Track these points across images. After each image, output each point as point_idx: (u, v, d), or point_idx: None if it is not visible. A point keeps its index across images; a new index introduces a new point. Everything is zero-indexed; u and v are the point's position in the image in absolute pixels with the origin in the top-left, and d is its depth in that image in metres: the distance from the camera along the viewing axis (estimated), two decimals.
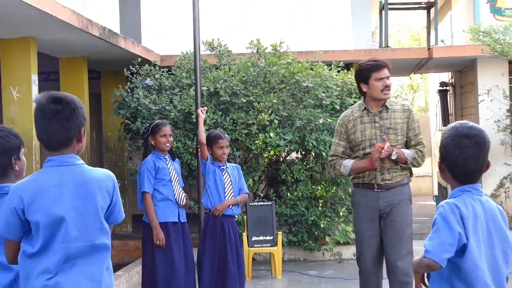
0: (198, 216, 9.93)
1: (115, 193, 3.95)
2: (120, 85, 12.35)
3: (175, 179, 7.68)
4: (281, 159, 12.15)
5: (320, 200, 11.93)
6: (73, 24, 9.60)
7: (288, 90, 11.81)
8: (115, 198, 3.95)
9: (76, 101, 3.87)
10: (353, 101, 11.78)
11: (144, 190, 7.51)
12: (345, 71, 12.32)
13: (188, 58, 12.11)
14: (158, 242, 7.46)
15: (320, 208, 11.88)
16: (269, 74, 11.82)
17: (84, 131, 3.94)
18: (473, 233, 3.47)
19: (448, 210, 3.47)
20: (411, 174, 6.76)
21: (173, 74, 12.19)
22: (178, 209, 7.66)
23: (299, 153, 12.16)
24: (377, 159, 6.38)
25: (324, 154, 11.46)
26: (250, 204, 10.83)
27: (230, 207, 7.77)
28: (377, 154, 6.37)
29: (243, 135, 11.49)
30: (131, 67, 12.10)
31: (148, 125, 8.05)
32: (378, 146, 6.38)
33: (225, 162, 7.84)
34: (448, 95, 18.45)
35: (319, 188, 11.85)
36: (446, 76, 19.30)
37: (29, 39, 10.10)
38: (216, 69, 12.17)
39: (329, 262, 11.96)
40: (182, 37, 12.78)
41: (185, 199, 7.71)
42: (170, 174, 7.63)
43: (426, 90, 29.90)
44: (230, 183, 7.77)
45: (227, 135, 8.05)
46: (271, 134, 11.36)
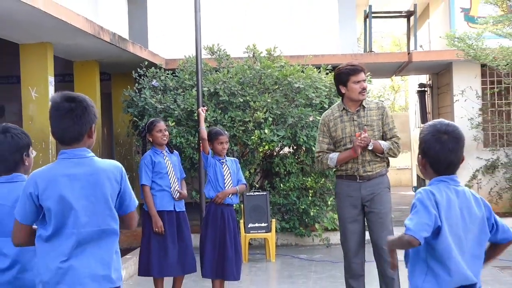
0: (200, 205, 9.96)
1: (124, 182, 3.93)
2: (129, 86, 12.35)
3: (172, 172, 7.67)
4: (275, 153, 12.16)
5: (310, 191, 11.93)
6: (86, 31, 9.59)
7: (281, 91, 11.81)
8: (124, 187, 3.93)
9: (88, 100, 3.89)
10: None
11: (142, 183, 7.54)
12: (333, 74, 12.30)
13: (191, 62, 12.11)
14: (157, 229, 7.48)
15: (310, 198, 11.89)
16: (264, 76, 11.82)
17: (95, 128, 3.94)
18: (446, 218, 3.48)
19: (425, 196, 3.49)
20: (388, 165, 6.81)
21: (177, 76, 12.18)
22: (174, 199, 7.67)
23: (291, 148, 12.15)
24: (358, 146, 6.41)
25: (314, 149, 11.47)
26: (247, 194, 10.84)
27: (230, 196, 7.78)
28: (357, 142, 6.41)
29: (240, 132, 11.49)
30: (139, 70, 12.07)
31: (144, 124, 8.05)
32: (358, 135, 6.43)
33: (225, 156, 7.84)
34: (426, 95, 18.44)
35: (309, 180, 11.86)
36: (425, 78, 19.29)
37: (46, 44, 10.08)
38: (216, 72, 12.16)
39: (318, 247, 11.98)
40: (185, 42, 12.78)
41: (178, 194, 7.69)
42: (167, 168, 7.61)
43: (406, 91, 29.90)
44: (229, 175, 7.77)
45: (226, 132, 8.06)
46: (266, 131, 11.37)
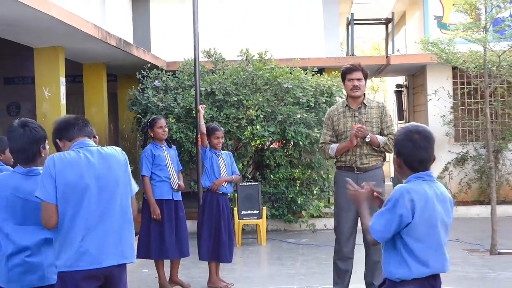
0: (197, 194, 9.96)
1: (128, 167, 4.06)
2: (133, 86, 12.33)
3: (170, 164, 7.65)
4: (266, 147, 12.16)
5: (298, 181, 11.95)
6: (95, 36, 9.56)
7: (272, 91, 11.80)
8: (129, 170, 4.06)
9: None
10: (325, 100, 11.82)
11: (143, 174, 7.52)
12: (318, 75, 12.32)
13: (189, 64, 12.08)
14: (155, 216, 7.46)
15: (298, 188, 11.91)
16: (256, 77, 11.81)
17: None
18: (423, 213, 3.48)
19: (399, 196, 3.49)
20: (384, 159, 6.79)
21: (177, 77, 12.16)
22: (172, 189, 7.66)
23: (281, 142, 12.17)
24: (353, 136, 6.42)
25: (301, 143, 11.48)
26: (240, 184, 10.84)
27: (224, 186, 7.79)
28: (354, 131, 6.43)
29: (234, 127, 11.49)
30: (142, 71, 12.06)
31: (146, 121, 8.05)
32: (356, 126, 6.45)
33: (220, 150, 7.85)
34: (403, 95, 18.46)
35: (297, 171, 11.88)
36: (401, 79, 19.31)
37: (58, 48, 10.05)
38: (212, 73, 12.16)
39: (305, 232, 12.00)
40: (185, 47, 12.73)
41: (178, 185, 7.67)
42: (166, 160, 7.59)
43: (385, 91, 29.90)
44: (224, 167, 7.78)
45: (222, 128, 8.06)
46: (257, 127, 11.36)
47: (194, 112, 10.23)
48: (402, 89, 18.56)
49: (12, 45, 10.06)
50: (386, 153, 6.78)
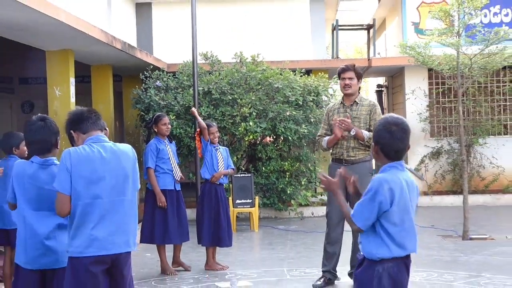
0: (196, 185, 9.91)
1: (136, 164, 4.04)
2: (137, 86, 12.30)
3: (172, 158, 7.63)
4: (258, 142, 12.12)
5: (287, 173, 11.93)
6: (101, 40, 9.51)
7: (263, 90, 11.76)
8: (136, 167, 4.03)
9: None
10: (312, 98, 11.79)
11: (148, 166, 7.47)
12: (306, 76, 12.31)
13: (188, 66, 12.03)
14: (161, 204, 7.43)
15: (287, 179, 11.89)
16: (249, 78, 11.77)
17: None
18: (399, 200, 3.49)
19: (379, 184, 3.49)
20: None
21: (177, 78, 12.10)
22: (174, 180, 7.62)
23: (272, 138, 12.14)
24: (336, 127, 6.53)
25: (290, 138, 11.46)
26: (235, 176, 10.80)
27: (222, 177, 7.79)
28: (336, 123, 6.55)
29: (229, 124, 11.45)
30: (145, 72, 12.02)
31: (151, 117, 8.02)
32: (337, 119, 6.56)
33: (218, 144, 7.85)
34: (383, 94, 18.46)
35: (286, 164, 11.86)
36: (382, 80, 19.32)
37: (68, 51, 9.98)
38: (209, 74, 12.11)
39: (294, 219, 11.98)
40: (184, 50, 12.70)
41: (181, 177, 7.66)
42: (168, 154, 7.57)
43: (367, 91, 29.92)
44: (222, 160, 7.78)
45: (215, 124, 8.03)
46: (250, 123, 11.33)
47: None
48: (382, 89, 18.56)
49: (26, 48, 10.01)
50: None
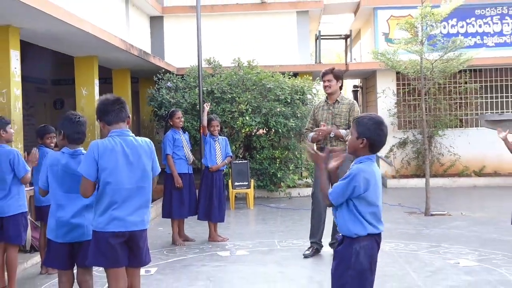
0: (201, 170, 9.94)
1: (153, 154, 4.03)
2: (151, 86, 12.34)
3: (186, 146, 7.70)
4: (253, 134, 12.17)
5: (277, 160, 11.97)
6: (121, 47, 9.53)
7: (258, 90, 11.79)
8: (153, 157, 4.02)
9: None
10: (298, 97, 11.83)
11: (167, 153, 7.54)
12: (293, 78, 12.33)
13: (194, 69, 12.06)
14: (178, 185, 7.52)
15: (277, 165, 11.93)
16: (246, 80, 11.80)
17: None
18: (373, 187, 3.38)
19: (357, 172, 3.37)
20: None
21: (185, 79, 12.13)
22: (188, 165, 7.69)
23: (264, 130, 12.18)
24: (316, 137, 6.53)
25: (280, 131, 11.51)
26: (233, 162, 10.85)
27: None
28: (314, 134, 6.56)
29: (229, 118, 11.48)
30: (158, 75, 12.05)
31: (168, 112, 8.06)
32: (318, 130, 6.54)
33: (217, 135, 7.87)
34: (358, 94, 18.49)
35: (277, 152, 11.90)
36: (357, 81, 19.36)
37: (93, 57, 10.01)
38: (212, 76, 12.13)
39: (283, 199, 12.03)
40: (191, 56, 12.71)
41: (193, 159, 7.75)
42: (182, 143, 7.64)
43: (345, 91, 29.85)
44: (220, 150, 7.80)
45: (218, 118, 8.05)
46: (247, 118, 11.36)
47: (198, 107, 10.22)
48: (358, 89, 18.60)
49: (58, 55, 10.04)
50: None
